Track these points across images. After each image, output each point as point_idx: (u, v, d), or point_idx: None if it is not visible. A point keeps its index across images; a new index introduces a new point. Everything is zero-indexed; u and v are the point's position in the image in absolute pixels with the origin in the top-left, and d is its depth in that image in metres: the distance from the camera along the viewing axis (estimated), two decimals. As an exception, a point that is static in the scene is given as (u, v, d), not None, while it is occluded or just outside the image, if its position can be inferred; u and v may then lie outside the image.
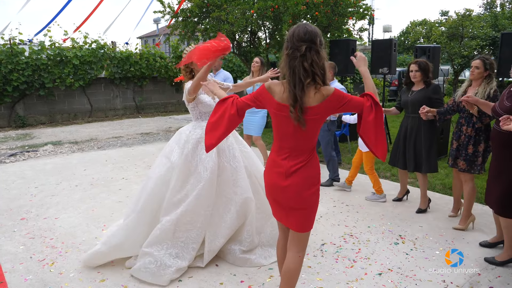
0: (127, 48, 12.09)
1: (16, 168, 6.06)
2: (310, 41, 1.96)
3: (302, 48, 1.94)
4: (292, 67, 1.97)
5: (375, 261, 3.13)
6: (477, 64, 3.53)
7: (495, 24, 15.96)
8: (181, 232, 2.94)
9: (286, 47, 2.01)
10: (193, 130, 3.12)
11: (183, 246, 2.95)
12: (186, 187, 2.98)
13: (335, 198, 4.61)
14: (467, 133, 3.63)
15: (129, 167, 6.05)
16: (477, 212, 4.05)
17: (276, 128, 2.14)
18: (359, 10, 9.13)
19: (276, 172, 2.14)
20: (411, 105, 4.07)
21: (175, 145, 3.14)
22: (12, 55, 9.71)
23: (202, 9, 8.84)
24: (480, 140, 3.58)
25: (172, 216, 2.92)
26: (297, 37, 1.96)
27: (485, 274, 2.95)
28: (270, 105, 2.08)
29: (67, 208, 4.30)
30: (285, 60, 2.00)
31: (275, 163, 2.15)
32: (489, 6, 23.50)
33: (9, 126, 10.25)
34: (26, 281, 2.85)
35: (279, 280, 2.83)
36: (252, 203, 3.11)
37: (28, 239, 3.52)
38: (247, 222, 3.13)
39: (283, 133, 2.10)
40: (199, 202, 2.95)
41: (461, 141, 3.68)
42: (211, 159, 3.01)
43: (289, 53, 1.98)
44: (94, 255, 2.98)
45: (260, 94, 2.10)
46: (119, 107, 12.19)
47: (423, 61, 4.07)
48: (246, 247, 3.11)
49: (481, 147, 3.57)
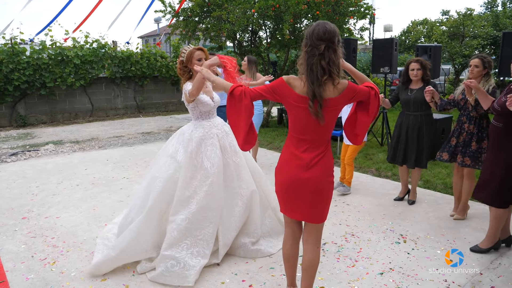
0: (128, 48, 12.09)
1: (17, 167, 6.07)
2: (328, 40, 2.02)
3: (321, 47, 2.01)
4: (310, 65, 2.03)
5: (377, 261, 3.12)
6: (476, 63, 3.59)
7: (496, 23, 15.95)
8: (198, 230, 2.96)
9: (305, 44, 2.06)
10: (195, 129, 3.16)
11: (202, 243, 2.96)
12: (193, 183, 3.00)
13: (336, 197, 4.61)
14: (469, 130, 3.69)
15: (130, 167, 6.05)
16: (479, 212, 4.04)
17: (294, 121, 2.18)
18: (360, 10, 9.11)
19: (296, 165, 2.18)
20: (413, 104, 4.11)
21: (179, 145, 3.16)
22: (13, 55, 9.72)
23: (203, 9, 8.83)
24: (483, 137, 3.64)
25: (186, 214, 2.94)
26: (317, 36, 2.01)
27: (486, 273, 2.94)
28: (290, 98, 2.11)
29: (68, 207, 4.30)
30: (304, 57, 2.07)
31: (294, 156, 2.19)
32: (490, 5, 23.46)
33: (10, 125, 10.26)
34: (27, 280, 2.85)
35: (280, 279, 2.84)
36: (257, 195, 3.23)
37: (30, 238, 3.53)
38: (253, 215, 3.24)
39: (303, 126, 2.15)
40: (211, 198, 2.99)
41: (463, 138, 3.74)
42: (216, 155, 3.07)
43: (308, 50, 2.04)
44: (103, 262, 2.90)
45: (278, 87, 2.12)
46: (120, 107, 12.19)
47: (422, 59, 4.13)
48: (255, 238, 3.24)
49: (485, 143, 3.62)
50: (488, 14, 18.57)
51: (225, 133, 3.26)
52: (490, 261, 3.12)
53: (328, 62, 2.01)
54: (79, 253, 3.25)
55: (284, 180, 2.24)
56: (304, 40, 2.07)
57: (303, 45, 2.09)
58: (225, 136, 3.24)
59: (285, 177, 2.23)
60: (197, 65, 3.07)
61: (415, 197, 4.44)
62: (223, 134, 3.23)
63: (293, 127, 2.20)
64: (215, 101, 3.29)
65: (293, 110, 2.14)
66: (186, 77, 3.19)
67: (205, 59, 3.15)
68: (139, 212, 3.06)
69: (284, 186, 2.25)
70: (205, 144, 3.09)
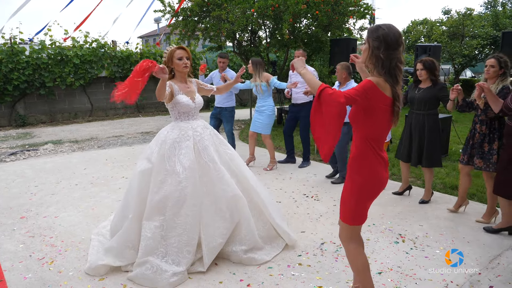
0: (127, 47, 12.09)
1: (16, 167, 6.06)
2: (401, 44, 2.11)
3: (400, 50, 2.11)
4: (387, 67, 2.09)
5: (375, 260, 3.12)
6: (491, 62, 3.57)
7: (496, 23, 15.95)
8: (172, 238, 2.88)
9: (378, 47, 2.08)
10: (171, 131, 3.08)
11: (176, 251, 2.86)
12: (163, 187, 2.91)
13: (335, 197, 4.60)
14: (482, 131, 3.71)
15: (129, 166, 6.05)
16: (482, 212, 4.04)
17: (379, 123, 2.16)
18: (360, 9, 9.11)
19: (384, 167, 2.25)
20: (417, 102, 4.22)
21: (155, 147, 3.09)
22: (12, 54, 9.71)
23: (203, 8, 8.83)
24: (495, 138, 3.65)
25: (160, 221, 2.88)
26: (393, 39, 2.07)
27: (485, 273, 2.94)
28: (381, 101, 2.10)
29: (67, 207, 4.29)
30: (380, 59, 2.09)
31: (381, 158, 2.23)
32: (490, 5, 23.44)
33: (9, 125, 10.26)
34: (25, 279, 2.85)
35: (278, 279, 2.84)
36: (242, 200, 3.08)
37: (28, 238, 3.52)
38: (243, 221, 3.09)
39: (385, 127, 2.20)
40: (183, 204, 2.89)
41: (476, 139, 3.75)
42: (189, 158, 2.96)
43: (386, 54, 2.08)
44: (99, 267, 2.90)
45: (370, 90, 2.07)
46: (119, 106, 12.18)
47: (429, 59, 4.16)
48: (248, 246, 3.08)
49: (495, 145, 3.63)
50: (488, 14, 18.57)
51: (207, 135, 3.17)
52: (489, 260, 3.12)
53: (400, 63, 2.11)
54: (77, 253, 3.24)
55: (377, 183, 2.23)
56: (377, 43, 2.08)
57: (374, 47, 2.09)
58: (204, 138, 3.13)
59: (378, 180, 2.23)
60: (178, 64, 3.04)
61: (428, 197, 4.41)
62: (202, 136, 3.12)
63: (376, 129, 2.17)
64: (197, 103, 3.19)
65: (379, 112, 2.12)
66: (169, 77, 3.05)
67: (186, 58, 3.08)
68: (124, 217, 3.08)
69: (375, 191, 2.25)
70: (179, 146, 2.99)
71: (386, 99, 2.11)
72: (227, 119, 6.17)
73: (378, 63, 2.09)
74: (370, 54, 2.11)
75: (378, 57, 2.08)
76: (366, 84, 2.07)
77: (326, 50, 9.11)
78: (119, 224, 3.14)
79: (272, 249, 3.21)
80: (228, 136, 6.32)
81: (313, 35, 8.88)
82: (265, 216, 3.29)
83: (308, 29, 9.14)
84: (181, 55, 3.07)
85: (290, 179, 5.39)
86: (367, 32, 2.18)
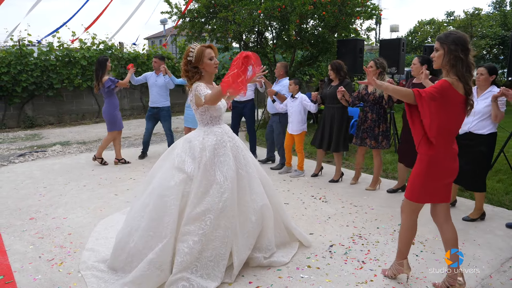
0: (134, 49, 12.14)
1: (25, 168, 6.11)
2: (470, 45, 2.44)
3: (472, 52, 2.43)
4: (466, 66, 2.39)
5: (385, 263, 3.09)
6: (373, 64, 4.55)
7: (504, 23, 15.80)
8: (209, 251, 2.68)
9: (456, 49, 2.38)
10: (206, 137, 2.87)
11: (213, 265, 2.68)
12: (205, 199, 2.70)
13: (343, 199, 4.58)
14: (373, 118, 4.70)
15: (136, 168, 6.06)
16: (488, 214, 3.99)
17: (454, 119, 2.46)
18: (367, 10, 9.07)
19: (453, 157, 2.55)
20: (329, 98, 5.10)
21: (185, 155, 2.83)
22: (21, 56, 9.81)
23: (209, 10, 8.84)
24: (381, 123, 4.68)
25: (199, 236, 2.64)
26: (466, 41, 2.39)
27: (497, 276, 2.90)
28: (456, 99, 2.40)
29: (75, 208, 4.31)
30: (460, 60, 2.38)
31: (454, 151, 2.55)
32: (499, 5, 23.23)
33: (18, 126, 10.35)
34: (35, 280, 2.86)
35: (287, 281, 2.82)
36: (269, 210, 2.98)
37: (37, 239, 3.54)
38: (265, 230, 3.01)
39: (459, 122, 2.51)
40: (225, 215, 2.71)
41: (368, 124, 4.74)
42: (230, 167, 2.79)
43: (463, 55, 2.38)
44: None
45: (446, 90, 2.38)
46: (126, 108, 12.24)
47: (336, 62, 5.06)
48: (268, 254, 3.02)
49: (382, 127, 4.67)
50: (496, 13, 18.39)
51: (236, 141, 3.00)
52: (501, 263, 3.08)
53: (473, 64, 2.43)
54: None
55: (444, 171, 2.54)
56: (454, 46, 2.38)
57: (452, 49, 2.38)
58: (237, 143, 2.99)
59: (445, 168, 2.53)
60: (209, 64, 2.86)
61: (336, 177, 5.26)
62: (234, 142, 2.97)
63: (450, 125, 2.46)
64: (223, 105, 3.01)
65: (454, 110, 2.42)
66: (196, 78, 2.90)
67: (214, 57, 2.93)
68: (151, 237, 2.68)
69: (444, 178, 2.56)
70: (218, 154, 2.80)
71: (459, 97, 2.41)
72: (165, 118, 6.51)
73: (458, 63, 2.38)
74: (449, 57, 2.40)
75: (458, 57, 2.37)
76: (441, 84, 2.39)
77: (333, 51, 9.07)
78: (145, 245, 2.70)
79: (289, 251, 3.19)
80: (168, 134, 6.55)
81: (320, 36, 8.86)
82: (279, 221, 3.21)
83: (315, 30, 9.12)
84: (212, 54, 2.88)
85: (298, 180, 5.37)
86: (437, 39, 2.48)
